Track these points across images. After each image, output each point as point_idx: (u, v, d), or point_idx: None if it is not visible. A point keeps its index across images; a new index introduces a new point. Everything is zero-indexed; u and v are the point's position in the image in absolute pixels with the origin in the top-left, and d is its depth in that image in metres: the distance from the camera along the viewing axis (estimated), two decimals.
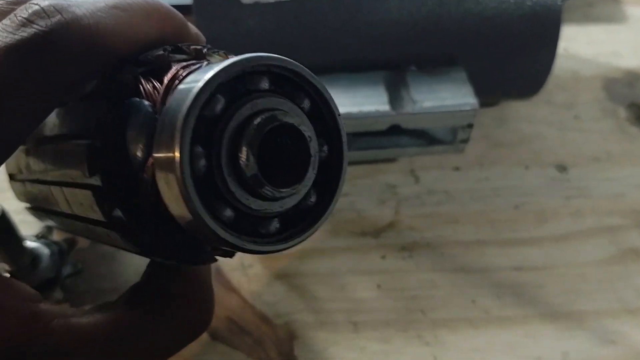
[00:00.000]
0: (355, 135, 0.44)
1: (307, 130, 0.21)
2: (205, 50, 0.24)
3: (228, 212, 0.20)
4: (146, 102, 0.22)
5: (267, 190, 0.20)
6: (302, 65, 0.21)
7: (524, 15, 0.43)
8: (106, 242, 0.26)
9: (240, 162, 0.19)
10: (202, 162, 0.19)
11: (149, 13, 0.24)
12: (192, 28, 0.26)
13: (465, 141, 0.43)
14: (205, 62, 0.22)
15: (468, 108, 0.41)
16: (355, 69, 0.43)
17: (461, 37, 0.44)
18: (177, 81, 0.21)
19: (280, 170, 0.21)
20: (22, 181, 0.32)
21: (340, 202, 0.49)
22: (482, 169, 0.49)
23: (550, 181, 0.48)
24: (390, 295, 0.42)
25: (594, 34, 0.59)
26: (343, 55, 0.43)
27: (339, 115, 0.22)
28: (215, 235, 0.20)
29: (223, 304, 0.42)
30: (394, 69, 0.44)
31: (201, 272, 0.26)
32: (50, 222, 0.36)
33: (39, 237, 0.42)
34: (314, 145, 0.21)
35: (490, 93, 0.46)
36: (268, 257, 0.44)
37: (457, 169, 0.49)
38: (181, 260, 0.24)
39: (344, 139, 0.23)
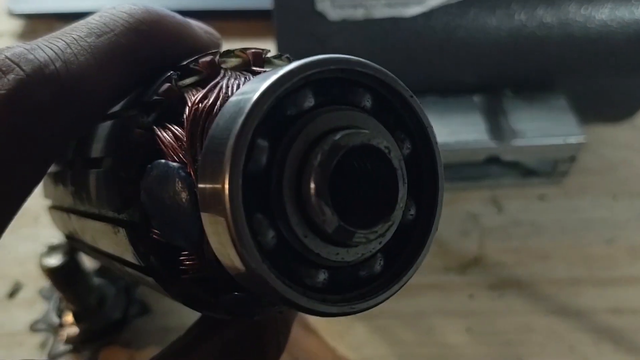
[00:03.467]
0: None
1: (381, 139, 0.16)
2: (217, 58, 0.19)
3: (321, 276, 0.16)
4: (173, 164, 0.17)
5: (360, 236, 0.16)
6: (347, 56, 0.16)
7: (629, 39, 0.40)
8: (147, 286, 0.22)
9: (316, 220, 0.15)
10: (270, 234, 0.15)
11: (134, 27, 0.19)
12: (199, 27, 0.22)
13: (564, 174, 0.40)
14: (225, 81, 0.18)
15: (574, 141, 0.38)
16: (447, 90, 0.40)
17: (561, 60, 0.40)
18: (199, 126, 0.17)
19: (366, 202, 0.17)
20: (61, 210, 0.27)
21: None
22: (568, 198, 0.46)
23: None
24: (482, 340, 0.39)
25: None
26: (436, 76, 0.40)
27: (412, 96, 0.17)
28: (316, 313, 0.16)
29: (302, 346, 0.39)
30: (488, 92, 0.40)
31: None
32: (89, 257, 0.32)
33: (102, 272, 0.39)
34: (395, 155, 0.16)
35: (586, 117, 0.43)
36: None
37: (541, 198, 0.46)
38: (236, 315, 0.19)
39: (426, 121, 0.18)
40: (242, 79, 0.18)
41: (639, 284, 0.42)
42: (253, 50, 0.20)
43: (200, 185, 0.15)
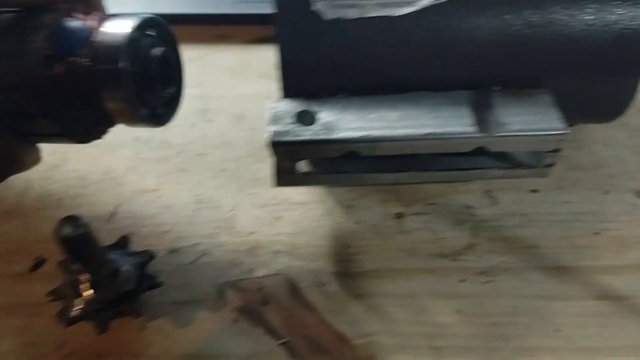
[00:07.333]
0: (435, 156, 0.43)
1: (166, 52, 0.37)
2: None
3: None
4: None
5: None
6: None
7: (613, 39, 0.42)
8: None
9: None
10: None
11: None
12: None
13: (550, 166, 0.42)
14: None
15: (557, 132, 0.40)
16: (438, 87, 0.43)
17: (547, 58, 0.43)
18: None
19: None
20: None
21: (416, 221, 0.47)
22: (560, 193, 0.48)
23: (629, 207, 0.47)
24: (471, 321, 0.41)
25: None
26: (427, 73, 0.43)
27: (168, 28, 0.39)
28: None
29: (300, 321, 0.41)
30: (477, 88, 0.43)
31: None
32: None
33: (118, 247, 0.42)
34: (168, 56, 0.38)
35: (573, 115, 0.45)
36: (346, 277, 0.43)
37: (534, 191, 0.48)
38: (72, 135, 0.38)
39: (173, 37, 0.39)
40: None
41: (624, 272, 0.43)
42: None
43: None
